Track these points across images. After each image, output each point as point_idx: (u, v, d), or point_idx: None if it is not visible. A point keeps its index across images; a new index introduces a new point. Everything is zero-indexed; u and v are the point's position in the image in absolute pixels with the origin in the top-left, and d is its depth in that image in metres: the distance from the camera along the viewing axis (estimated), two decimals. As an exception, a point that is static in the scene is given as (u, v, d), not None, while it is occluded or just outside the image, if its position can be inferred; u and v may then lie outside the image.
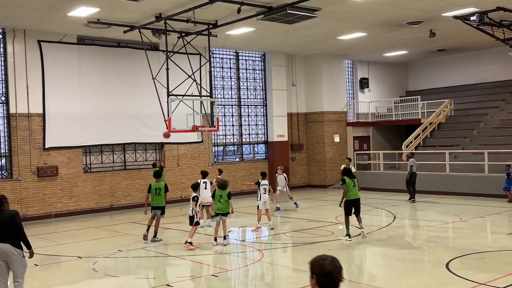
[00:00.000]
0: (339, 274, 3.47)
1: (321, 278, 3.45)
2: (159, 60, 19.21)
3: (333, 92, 26.01)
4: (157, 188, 13.35)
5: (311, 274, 3.50)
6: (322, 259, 3.54)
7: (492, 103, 25.70)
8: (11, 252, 7.64)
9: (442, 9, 17.05)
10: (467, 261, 10.40)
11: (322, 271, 3.47)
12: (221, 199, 12.61)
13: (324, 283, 3.43)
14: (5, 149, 17.98)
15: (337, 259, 3.54)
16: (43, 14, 15.88)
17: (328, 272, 3.45)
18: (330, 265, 3.48)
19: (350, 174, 12.89)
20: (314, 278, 3.47)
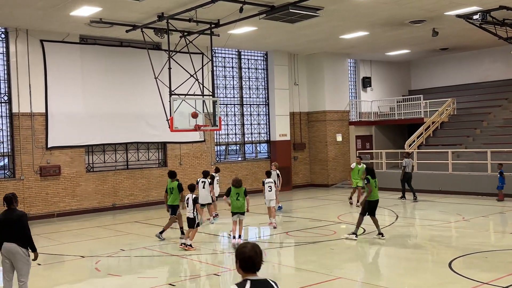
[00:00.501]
0: (258, 258, 3.85)
1: (243, 263, 3.85)
2: (161, 59, 19.22)
3: (336, 91, 25.99)
4: (170, 188, 13.49)
5: (236, 260, 3.89)
6: (244, 246, 3.90)
7: (495, 102, 25.64)
8: (17, 251, 7.71)
9: (444, 8, 17.01)
10: (469, 261, 10.38)
11: (243, 256, 3.85)
12: (239, 197, 12.32)
13: (246, 267, 3.84)
14: (8, 149, 18.01)
15: (258, 246, 3.91)
16: (45, 13, 15.90)
17: (248, 257, 3.83)
18: (250, 251, 3.85)
19: (373, 174, 12.73)
20: (238, 263, 3.87)
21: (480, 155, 21.19)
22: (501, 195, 18.51)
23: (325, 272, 9.77)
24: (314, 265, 10.39)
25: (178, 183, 13.51)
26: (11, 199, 7.87)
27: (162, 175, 21.11)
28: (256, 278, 3.82)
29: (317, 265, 10.44)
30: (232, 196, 12.38)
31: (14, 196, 7.98)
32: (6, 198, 7.88)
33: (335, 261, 10.76)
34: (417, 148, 23.86)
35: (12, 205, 7.87)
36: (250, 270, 3.85)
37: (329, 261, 10.79)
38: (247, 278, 3.82)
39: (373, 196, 12.53)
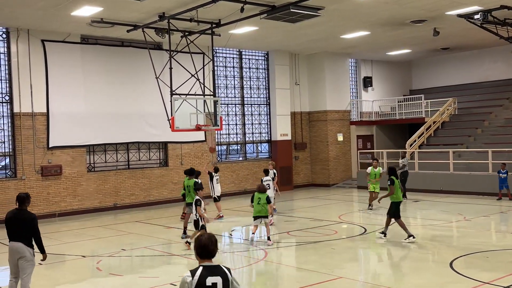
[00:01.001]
0: (212, 246, 4.33)
1: (199, 250, 4.34)
2: (162, 59, 19.22)
3: (337, 91, 25.99)
4: (187, 186, 13.66)
5: (194, 249, 4.37)
6: (200, 235, 4.40)
7: (496, 101, 25.63)
8: (23, 250, 7.81)
9: (445, 7, 17.01)
10: (471, 260, 10.38)
11: (200, 244, 4.34)
12: (260, 201, 12.68)
13: (201, 254, 4.33)
14: (9, 148, 18.03)
15: (214, 236, 4.41)
16: (46, 13, 15.92)
17: (204, 245, 4.32)
18: (205, 240, 4.33)
19: (396, 174, 12.54)
20: (195, 251, 4.36)
21: (481, 154, 21.18)
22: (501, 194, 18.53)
23: (326, 271, 9.77)
24: (315, 265, 10.39)
25: (194, 181, 13.48)
26: (24, 199, 7.95)
27: (163, 175, 21.14)
28: (209, 264, 4.28)
29: (318, 264, 10.45)
30: (255, 200, 12.80)
31: (28, 196, 8.06)
32: (20, 198, 7.96)
33: (336, 261, 10.77)
34: (418, 148, 23.86)
35: (24, 205, 7.95)
36: (205, 257, 4.32)
37: (330, 260, 10.79)
38: (201, 264, 4.30)
39: (397, 198, 12.31)
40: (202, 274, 4.21)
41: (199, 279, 4.20)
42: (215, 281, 4.20)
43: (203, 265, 4.28)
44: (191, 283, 4.20)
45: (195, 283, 4.19)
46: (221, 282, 4.22)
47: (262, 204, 12.62)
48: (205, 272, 4.21)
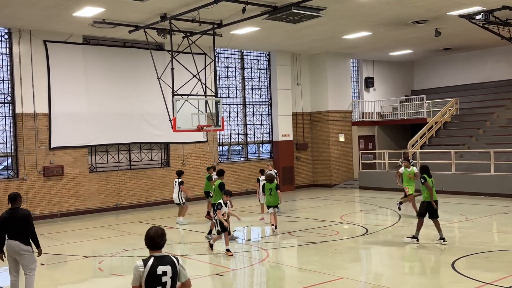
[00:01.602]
0: (159, 238, 4.79)
1: (147, 242, 4.82)
2: (164, 59, 19.24)
3: (338, 91, 25.97)
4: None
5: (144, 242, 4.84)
6: (149, 229, 4.87)
7: (498, 102, 25.59)
8: (20, 248, 7.94)
9: (447, 8, 17.00)
10: (473, 261, 10.37)
11: (148, 236, 4.82)
12: (272, 192, 13.91)
13: (150, 245, 4.81)
14: (11, 149, 18.06)
15: (162, 229, 4.84)
16: (48, 14, 15.94)
17: (151, 237, 4.80)
18: (153, 232, 4.81)
19: (429, 172, 11.99)
20: (145, 244, 4.82)
21: (483, 155, 21.15)
22: None
23: (328, 272, 9.77)
24: (316, 265, 10.39)
25: (220, 182, 13.29)
26: (15, 197, 8.14)
27: (165, 175, 21.15)
28: (159, 254, 4.78)
29: (319, 265, 10.44)
30: (266, 191, 14.12)
31: (19, 195, 8.24)
32: (11, 197, 8.16)
33: (338, 261, 10.76)
34: (420, 148, 23.83)
35: (16, 203, 8.11)
36: (154, 248, 4.81)
37: (332, 261, 10.79)
38: (152, 254, 4.79)
39: (428, 196, 11.82)
40: (153, 264, 4.69)
41: (150, 268, 4.67)
42: (165, 270, 4.70)
43: (154, 255, 4.77)
44: (143, 272, 4.66)
45: (147, 271, 4.66)
46: (170, 270, 4.72)
47: (273, 194, 13.90)
48: (156, 261, 4.70)
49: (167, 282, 4.69)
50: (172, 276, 4.72)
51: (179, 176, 16.07)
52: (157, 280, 4.66)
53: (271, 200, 13.95)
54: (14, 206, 8.13)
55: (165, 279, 4.68)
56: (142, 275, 4.67)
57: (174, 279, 4.75)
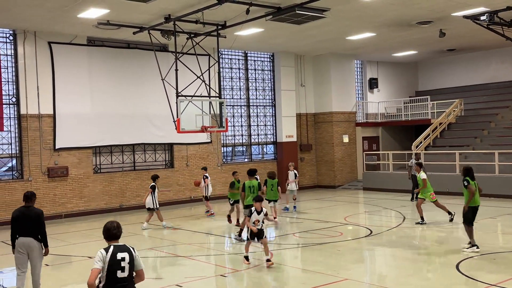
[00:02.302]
0: (116, 229, 5.69)
1: (105, 234, 5.72)
2: (168, 61, 19.28)
3: (342, 92, 25.95)
4: (250, 186, 13.01)
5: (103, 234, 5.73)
6: (107, 222, 5.77)
7: (502, 103, 25.51)
8: (34, 245, 8.37)
9: (451, 8, 16.96)
10: (477, 262, 10.34)
11: (105, 228, 5.72)
12: (273, 188, 15.37)
13: (107, 236, 5.71)
14: (16, 150, 18.13)
15: (117, 222, 5.77)
16: (53, 15, 16.00)
17: (108, 228, 5.70)
18: (109, 225, 5.71)
19: (472, 175, 11.28)
20: (103, 235, 5.70)
21: (487, 156, 21.09)
22: None
23: (332, 273, 9.76)
24: (320, 266, 10.38)
25: (258, 182, 13.13)
26: (30, 196, 8.49)
27: (169, 176, 21.19)
28: (117, 244, 5.65)
29: (323, 266, 10.43)
30: (269, 186, 15.35)
31: (34, 194, 8.60)
32: (27, 196, 8.50)
33: (341, 263, 10.75)
34: (424, 150, 23.78)
35: (31, 202, 8.47)
36: (111, 238, 5.68)
37: (336, 262, 10.78)
38: (111, 244, 5.64)
39: (474, 201, 11.09)
40: (113, 251, 5.54)
41: (111, 254, 5.51)
42: (123, 256, 5.56)
43: (113, 244, 5.64)
44: (105, 257, 5.49)
45: (108, 257, 5.49)
46: (128, 256, 5.59)
47: (274, 190, 15.35)
48: (115, 249, 5.56)
49: (125, 266, 5.54)
50: (130, 261, 5.58)
51: (154, 180, 15.57)
52: (117, 264, 5.50)
53: (272, 195, 15.35)
54: (28, 205, 8.44)
55: (123, 264, 5.53)
56: (104, 261, 5.47)
57: (131, 264, 5.60)
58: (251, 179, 13.10)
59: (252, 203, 12.49)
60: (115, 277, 5.47)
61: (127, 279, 5.55)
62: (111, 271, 5.45)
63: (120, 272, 5.49)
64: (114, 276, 5.47)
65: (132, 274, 5.63)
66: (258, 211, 10.64)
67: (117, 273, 5.48)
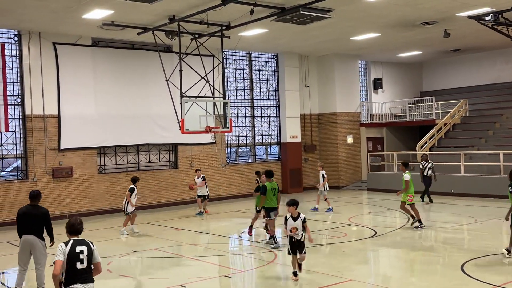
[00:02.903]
0: (79, 225, 6.23)
1: (68, 228, 6.23)
2: (172, 61, 19.30)
3: (347, 93, 25.92)
4: (272, 188, 12.32)
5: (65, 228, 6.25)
6: (72, 218, 6.32)
7: (507, 103, 25.41)
8: (36, 242, 8.59)
9: (456, 9, 16.91)
10: (482, 263, 10.30)
11: (69, 224, 6.25)
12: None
13: (70, 231, 6.21)
14: (21, 150, 18.18)
15: (80, 218, 6.33)
16: (58, 16, 16.04)
17: (71, 224, 6.21)
18: (73, 220, 6.25)
19: None
20: (66, 230, 6.24)
21: (492, 157, 21.02)
22: None
23: (336, 274, 9.74)
24: (325, 267, 10.37)
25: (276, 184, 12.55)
26: (36, 195, 8.72)
27: (173, 177, 21.21)
28: (77, 238, 6.17)
29: (328, 267, 10.42)
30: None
31: (39, 193, 8.85)
32: (32, 195, 8.73)
33: (346, 264, 10.73)
34: (429, 150, 23.72)
35: (36, 201, 8.68)
36: (73, 233, 6.19)
37: (340, 263, 10.76)
38: (71, 238, 6.15)
39: None
40: (73, 244, 6.05)
41: (70, 247, 6.02)
42: (82, 249, 6.06)
43: (73, 238, 6.14)
44: (65, 250, 5.99)
45: (68, 250, 5.99)
46: (86, 250, 6.08)
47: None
48: (74, 243, 6.08)
49: (84, 259, 6.03)
50: (88, 254, 6.07)
51: (133, 182, 14.91)
52: (76, 256, 6.01)
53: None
54: (33, 203, 8.65)
55: (82, 256, 6.02)
56: (65, 253, 5.98)
57: (90, 257, 6.09)
58: (271, 181, 12.34)
59: (273, 206, 12.25)
60: (75, 268, 5.99)
61: (86, 271, 6.08)
62: (71, 263, 5.98)
63: (79, 264, 6.01)
64: (74, 268, 5.99)
65: (90, 266, 6.12)
66: (294, 217, 9.39)
67: (76, 265, 5.99)
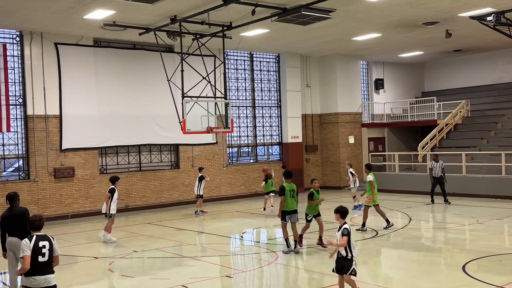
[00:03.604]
0: (38, 221, 6.86)
1: (29, 225, 6.90)
2: (174, 62, 19.32)
3: (348, 93, 25.91)
4: (291, 190, 11.54)
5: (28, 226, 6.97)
6: (33, 216, 7.00)
7: (509, 103, 25.39)
8: (19, 244, 8.23)
9: (458, 9, 16.90)
10: (484, 264, 10.30)
11: (29, 220, 6.93)
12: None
13: (32, 227, 6.85)
14: (23, 151, 18.20)
15: (41, 215, 7.05)
16: (60, 17, 16.06)
17: (32, 221, 6.87)
18: (33, 217, 6.93)
19: None
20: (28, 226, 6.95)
21: (494, 157, 20.99)
22: None
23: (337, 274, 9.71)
24: (326, 268, 10.35)
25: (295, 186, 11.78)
26: (13, 197, 8.72)
27: (175, 177, 21.21)
28: (39, 234, 6.78)
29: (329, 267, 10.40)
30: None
31: (16, 194, 8.81)
32: (9, 197, 8.74)
33: (347, 264, 10.70)
34: (430, 151, 23.71)
35: (14, 202, 8.68)
36: (35, 229, 6.80)
37: (342, 263, 10.72)
38: (34, 234, 6.76)
39: None
40: (36, 239, 6.67)
41: (34, 242, 6.65)
42: (44, 244, 6.69)
43: (36, 234, 6.75)
44: (29, 245, 6.60)
45: (32, 245, 6.62)
46: (48, 244, 6.72)
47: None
48: (37, 238, 6.71)
49: (46, 253, 6.67)
50: (49, 248, 6.71)
51: (112, 183, 13.51)
52: (39, 251, 6.62)
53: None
54: (12, 205, 8.68)
55: (44, 250, 6.66)
56: (29, 248, 6.57)
57: (51, 251, 6.73)
58: (289, 182, 11.59)
59: (290, 209, 11.41)
60: (37, 261, 6.60)
61: (47, 263, 6.70)
62: (34, 256, 6.59)
63: (41, 257, 6.63)
64: (36, 261, 6.60)
65: (51, 259, 6.74)
66: (339, 227, 8.18)
67: (38, 258, 6.61)
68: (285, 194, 11.36)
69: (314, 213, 12.03)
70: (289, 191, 11.46)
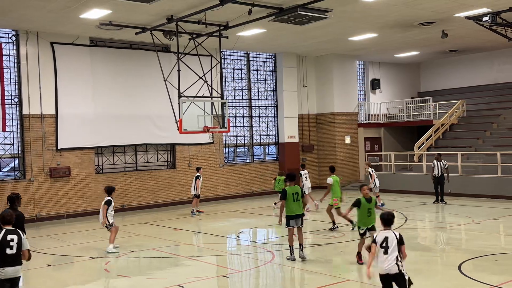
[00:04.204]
0: (9, 216, 7.18)
1: (1, 220, 7.16)
2: (170, 61, 19.29)
3: (345, 93, 25.94)
4: (294, 193, 10.87)
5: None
6: (3, 211, 7.35)
7: (505, 104, 25.47)
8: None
9: (454, 9, 16.94)
10: (479, 263, 10.33)
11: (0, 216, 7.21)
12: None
13: (2, 222, 7.16)
14: (18, 150, 18.15)
15: (12, 211, 7.52)
16: (56, 16, 16.02)
17: (3, 216, 7.17)
18: (4, 213, 7.24)
19: None
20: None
21: (490, 157, 21.06)
22: None
23: (334, 274, 9.75)
24: (322, 268, 10.37)
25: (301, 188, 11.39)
26: (13, 199, 8.66)
27: (171, 177, 21.19)
28: (9, 228, 7.12)
29: (325, 267, 10.42)
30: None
31: (18, 196, 8.73)
32: (10, 198, 8.66)
33: (343, 263, 10.73)
34: (426, 151, 23.76)
35: (14, 205, 8.61)
36: (5, 223, 7.12)
37: (338, 263, 10.76)
38: (4, 228, 7.07)
39: None
40: (4, 233, 6.99)
41: (2, 236, 6.96)
42: (12, 237, 7.00)
43: (5, 228, 7.05)
44: None
45: (0, 237, 6.93)
46: (17, 238, 7.02)
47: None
48: (6, 232, 7.03)
49: (14, 246, 6.98)
50: (18, 242, 7.02)
51: (108, 193, 12.64)
52: (7, 244, 6.94)
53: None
54: (12, 207, 8.57)
55: (12, 243, 6.98)
56: None
57: (20, 244, 7.03)
58: (293, 184, 10.94)
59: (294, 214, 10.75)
60: (5, 253, 6.93)
61: (15, 256, 7.01)
62: (2, 249, 6.91)
63: (9, 249, 6.94)
64: (4, 253, 6.93)
65: (19, 252, 7.04)
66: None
67: (6, 250, 6.93)
68: (287, 198, 10.71)
69: (368, 225, 10.29)
70: (292, 194, 10.74)
